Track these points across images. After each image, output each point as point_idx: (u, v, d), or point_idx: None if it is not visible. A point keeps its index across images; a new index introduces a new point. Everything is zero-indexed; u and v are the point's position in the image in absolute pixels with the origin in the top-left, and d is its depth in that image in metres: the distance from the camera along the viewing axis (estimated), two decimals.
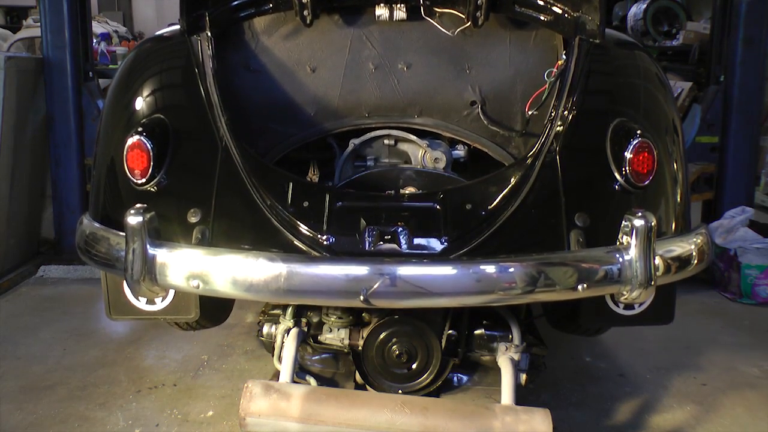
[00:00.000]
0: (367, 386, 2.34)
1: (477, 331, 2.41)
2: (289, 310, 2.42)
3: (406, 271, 1.86)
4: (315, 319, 2.42)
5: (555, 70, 2.29)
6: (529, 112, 2.42)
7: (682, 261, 2.06)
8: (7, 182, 3.99)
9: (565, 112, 2.10)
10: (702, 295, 3.97)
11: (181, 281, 1.92)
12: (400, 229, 1.96)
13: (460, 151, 2.60)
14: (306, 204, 2.03)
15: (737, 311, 3.75)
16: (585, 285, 1.89)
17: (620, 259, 1.90)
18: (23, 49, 6.54)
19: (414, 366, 2.29)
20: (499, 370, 2.24)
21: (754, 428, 2.55)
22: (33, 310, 3.66)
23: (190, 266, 1.91)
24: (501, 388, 2.15)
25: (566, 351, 3.15)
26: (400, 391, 2.29)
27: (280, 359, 2.33)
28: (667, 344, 3.28)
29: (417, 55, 2.54)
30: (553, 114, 2.13)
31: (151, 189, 2.06)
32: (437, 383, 2.33)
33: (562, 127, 2.08)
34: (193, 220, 2.01)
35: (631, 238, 1.89)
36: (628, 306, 2.20)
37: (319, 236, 1.96)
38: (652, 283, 1.89)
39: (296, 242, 1.96)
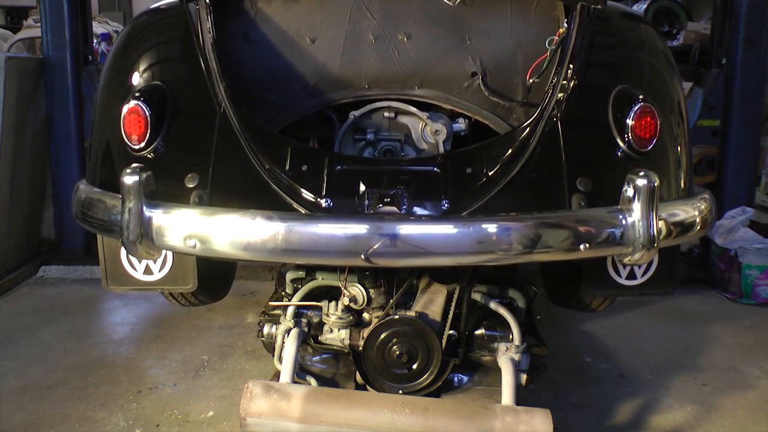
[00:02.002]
0: (368, 386, 2.34)
1: (477, 332, 2.41)
2: (290, 310, 2.42)
3: (407, 229, 1.84)
4: (315, 320, 2.42)
5: (556, 38, 2.26)
6: (530, 81, 2.40)
7: (685, 224, 2.05)
8: (8, 182, 3.99)
9: (567, 80, 2.09)
10: (702, 296, 3.97)
11: (178, 242, 1.90)
12: (400, 192, 1.94)
13: (460, 124, 2.56)
14: (305, 168, 2.02)
15: (738, 311, 3.74)
16: (587, 245, 1.88)
17: (622, 219, 1.88)
18: (24, 49, 6.55)
19: (414, 366, 2.29)
20: (499, 370, 2.23)
21: (755, 429, 2.55)
22: (33, 311, 3.66)
23: (187, 226, 1.90)
24: (501, 389, 2.15)
25: (567, 351, 3.15)
26: (400, 392, 2.29)
27: (280, 359, 2.33)
28: (668, 345, 3.29)
29: (417, 26, 2.51)
30: (554, 81, 2.12)
31: (149, 155, 2.06)
32: (438, 383, 2.33)
33: (563, 94, 2.07)
34: (190, 185, 2.01)
35: (634, 198, 1.87)
36: (630, 276, 2.19)
37: (318, 199, 1.95)
38: (655, 244, 1.87)
39: (295, 206, 1.95)
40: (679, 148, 2.16)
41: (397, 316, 2.28)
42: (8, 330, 3.37)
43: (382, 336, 2.28)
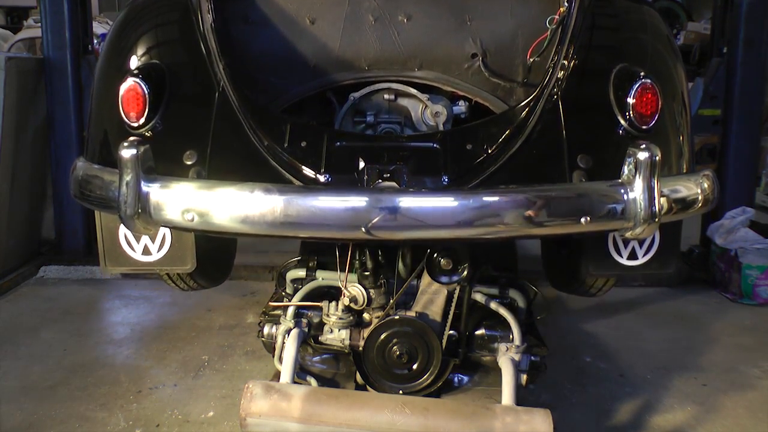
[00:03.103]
0: (368, 387, 2.34)
1: (478, 332, 2.41)
2: (290, 310, 2.42)
3: (408, 201, 1.83)
4: (315, 320, 2.43)
5: (557, 17, 2.25)
6: (530, 60, 2.39)
7: (687, 199, 2.04)
8: (8, 183, 3.99)
9: (567, 59, 2.08)
10: (702, 296, 3.97)
11: (176, 215, 1.89)
12: (400, 167, 1.93)
13: (461, 107, 2.55)
14: (304, 144, 2.02)
15: (738, 312, 3.74)
16: (588, 218, 1.87)
17: (623, 193, 1.87)
18: (24, 49, 6.54)
19: (415, 366, 2.29)
20: (499, 370, 2.24)
21: (755, 429, 2.55)
22: (33, 311, 3.65)
23: (185, 199, 1.89)
24: (501, 389, 2.15)
25: (567, 351, 3.15)
26: (400, 392, 2.29)
27: (280, 360, 2.33)
28: (668, 345, 3.28)
29: (417, 7, 2.50)
30: (554, 60, 2.12)
31: (147, 133, 2.05)
32: (438, 384, 2.33)
33: (563, 72, 2.07)
34: (188, 162, 1.99)
35: (635, 171, 1.86)
36: (631, 256, 2.18)
37: (317, 175, 1.94)
38: (657, 219, 1.86)
39: (294, 181, 1.94)
40: (680, 125, 2.14)
41: (397, 317, 2.28)
42: (8, 330, 3.37)
43: (383, 336, 2.28)
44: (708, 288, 4.07)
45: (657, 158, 1.84)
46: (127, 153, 1.87)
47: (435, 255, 2.18)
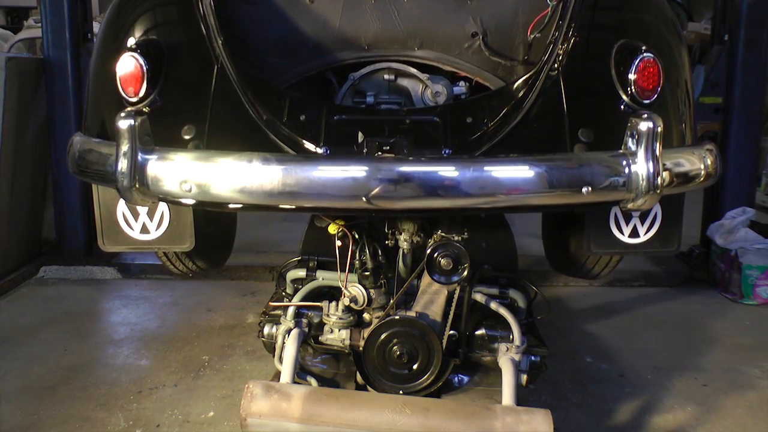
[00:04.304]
0: (368, 387, 2.34)
1: (478, 332, 2.41)
2: (290, 310, 2.42)
3: (409, 168, 1.81)
4: (316, 320, 2.42)
5: None
6: (531, 36, 2.37)
7: (689, 172, 2.03)
8: (8, 183, 3.99)
9: (568, 34, 2.07)
10: (703, 296, 3.97)
11: (173, 186, 1.88)
12: (400, 140, 1.92)
13: (461, 87, 2.54)
14: (303, 118, 2.02)
15: (738, 312, 3.74)
16: (589, 188, 1.85)
17: (625, 163, 1.86)
18: (24, 49, 6.54)
19: (415, 366, 2.29)
20: (499, 370, 2.23)
21: (755, 429, 2.55)
22: (34, 311, 3.65)
23: (183, 169, 1.88)
24: (502, 389, 2.15)
25: (567, 351, 3.15)
26: (401, 392, 2.28)
27: (281, 360, 2.33)
28: (668, 345, 3.28)
29: None
30: (555, 35, 2.11)
31: (145, 108, 2.04)
32: (438, 384, 2.33)
33: (565, 46, 2.05)
34: (187, 136, 1.99)
35: (637, 141, 1.85)
36: (633, 233, 2.16)
37: (316, 148, 1.93)
38: (658, 190, 1.85)
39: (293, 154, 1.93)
40: (682, 100, 2.13)
41: (397, 317, 2.28)
42: (8, 330, 3.37)
43: (383, 336, 2.28)
44: (708, 288, 4.07)
45: (659, 128, 1.83)
46: (124, 123, 1.87)
47: (435, 255, 2.18)
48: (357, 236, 2.32)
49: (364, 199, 1.79)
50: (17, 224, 4.12)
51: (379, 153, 1.88)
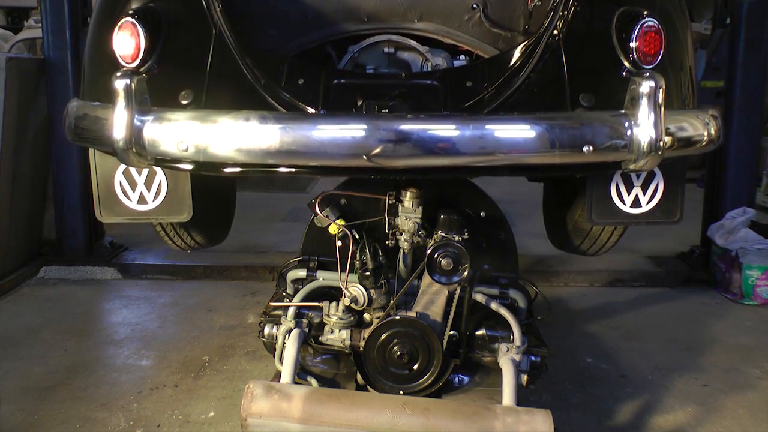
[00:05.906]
0: (369, 387, 2.34)
1: (478, 332, 2.41)
2: (291, 310, 2.42)
3: (410, 126, 1.80)
4: (316, 320, 2.42)
5: None
6: (531, 5, 2.36)
7: (692, 134, 2.01)
8: (9, 183, 4.00)
9: (569, 0, 2.06)
10: (703, 296, 3.97)
11: (170, 146, 1.87)
12: (399, 104, 1.91)
13: (461, 60, 2.52)
14: (301, 82, 2.01)
15: (738, 312, 3.74)
16: (590, 147, 1.84)
17: (626, 123, 1.85)
18: (24, 50, 6.53)
19: (415, 367, 2.29)
20: (500, 370, 2.23)
21: (756, 429, 2.55)
22: (34, 311, 3.66)
23: (180, 129, 1.87)
24: (502, 389, 2.15)
25: (567, 351, 3.15)
26: (401, 392, 2.28)
27: (281, 360, 2.33)
28: (669, 345, 3.28)
29: None
30: (556, 2, 2.09)
31: (142, 74, 2.02)
32: (438, 384, 2.33)
33: (565, 13, 2.04)
34: (185, 101, 1.98)
35: (639, 100, 1.83)
36: (635, 203, 2.15)
37: (314, 112, 1.93)
38: (660, 151, 1.83)
39: None
40: (684, 65, 2.12)
41: (398, 317, 2.28)
42: (8, 330, 3.37)
43: (383, 336, 2.28)
44: (708, 288, 4.07)
45: (661, 88, 1.81)
46: (120, 83, 1.86)
47: (436, 255, 2.18)
48: (357, 236, 2.32)
49: (364, 157, 1.78)
50: (17, 224, 4.12)
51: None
